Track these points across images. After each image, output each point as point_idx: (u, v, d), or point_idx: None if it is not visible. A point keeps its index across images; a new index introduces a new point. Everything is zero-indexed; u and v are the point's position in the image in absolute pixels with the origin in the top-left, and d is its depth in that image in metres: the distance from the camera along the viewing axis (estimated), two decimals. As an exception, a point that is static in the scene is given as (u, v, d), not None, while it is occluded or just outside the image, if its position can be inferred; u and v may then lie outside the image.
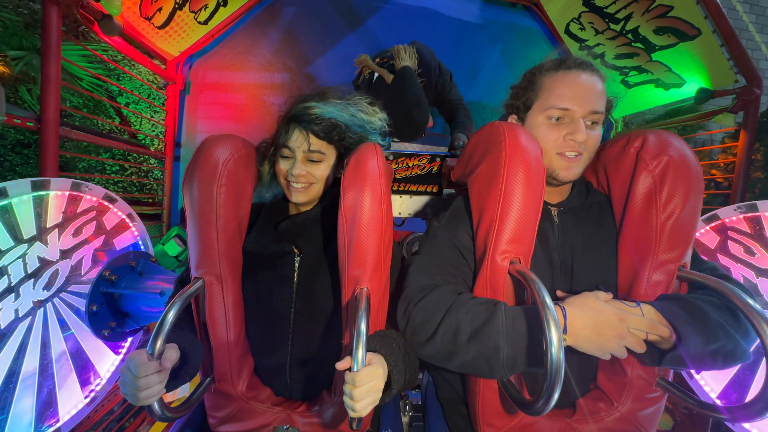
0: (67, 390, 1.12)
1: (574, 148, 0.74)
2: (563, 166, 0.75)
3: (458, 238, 0.76)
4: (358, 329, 0.58)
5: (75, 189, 1.17)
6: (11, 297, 1.01)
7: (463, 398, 0.84)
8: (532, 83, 0.80)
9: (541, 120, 0.77)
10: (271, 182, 0.86)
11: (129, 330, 1.29)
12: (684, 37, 1.68)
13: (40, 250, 1.08)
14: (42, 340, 1.08)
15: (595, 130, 0.75)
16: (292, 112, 0.80)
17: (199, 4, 2.07)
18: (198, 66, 2.28)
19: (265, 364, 0.85)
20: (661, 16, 1.73)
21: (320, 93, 0.84)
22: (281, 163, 0.81)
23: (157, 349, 0.59)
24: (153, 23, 1.92)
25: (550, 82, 0.76)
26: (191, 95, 2.24)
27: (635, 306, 0.63)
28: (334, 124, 0.79)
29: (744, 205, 1.17)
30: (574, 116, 0.73)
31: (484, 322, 0.61)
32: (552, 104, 0.75)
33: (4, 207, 0.99)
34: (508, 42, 2.40)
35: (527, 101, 0.80)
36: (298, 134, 0.78)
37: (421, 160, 1.28)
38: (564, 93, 0.74)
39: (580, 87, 0.74)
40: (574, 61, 0.76)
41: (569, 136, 0.73)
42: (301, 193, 0.81)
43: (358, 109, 0.83)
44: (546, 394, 0.51)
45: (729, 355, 0.60)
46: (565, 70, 0.76)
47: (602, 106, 0.75)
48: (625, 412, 0.73)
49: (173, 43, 2.12)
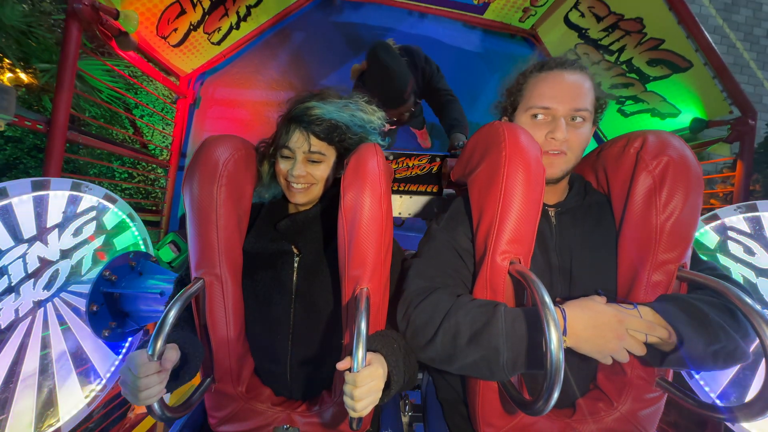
0: (67, 390, 1.12)
1: (555, 146, 0.74)
2: (545, 163, 0.75)
3: (457, 240, 0.76)
4: (358, 329, 0.58)
5: (75, 189, 1.17)
6: (11, 297, 1.01)
7: (463, 398, 0.84)
8: (519, 84, 0.82)
9: (524, 119, 0.79)
10: (270, 182, 0.86)
11: (129, 330, 1.28)
12: (676, 69, 1.72)
13: (40, 249, 1.08)
14: (42, 340, 1.08)
15: (580, 128, 0.75)
16: (293, 113, 0.79)
17: (213, 26, 2.20)
18: (209, 82, 2.41)
19: (265, 364, 0.85)
20: (653, 48, 1.77)
21: (320, 93, 0.83)
22: (281, 163, 0.81)
23: (158, 349, 0.59)
24: (168, 42, 2.05)
25: (533, 83, 0.78)
26: (200, 109, 2.37)
27: (632, 308, 0.63)
28: (334, 125, 0.78)
29: (744, 205, 1.17)
30: (556, 114, 0.74)
31: (484, 325, 0.61)
32: (533, 104, 0.76)
33: (5, 207, 0.99)
34: (507, 70, 2.46)
35: (514, 102, 0.82)
36: (299, 135, 0.78)
37: (421, 160, 1.28)
38: (544, 92, 0.75)
39: (561, 85, 0.75)
40: (556, 61, 0.78)
41: (550, 135, 0.74)
42: (301, 194, 0.81)
43: (358, 108, 0.83)
44: (546, 394, 0.51)
45: (730, 355, 0.59)
46: (547, 71, 0.77)
47: (586, 103, 0.74)
48: (624, 412, 0.73)
49: (187, 61, 2.25)
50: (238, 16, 2.26)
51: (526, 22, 2.52)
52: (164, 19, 1.91)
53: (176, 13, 1.94)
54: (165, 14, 1.90)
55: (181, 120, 2.30)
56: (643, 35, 1.77)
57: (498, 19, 2.50)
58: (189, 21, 2.03)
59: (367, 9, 2.43)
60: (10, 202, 1.01)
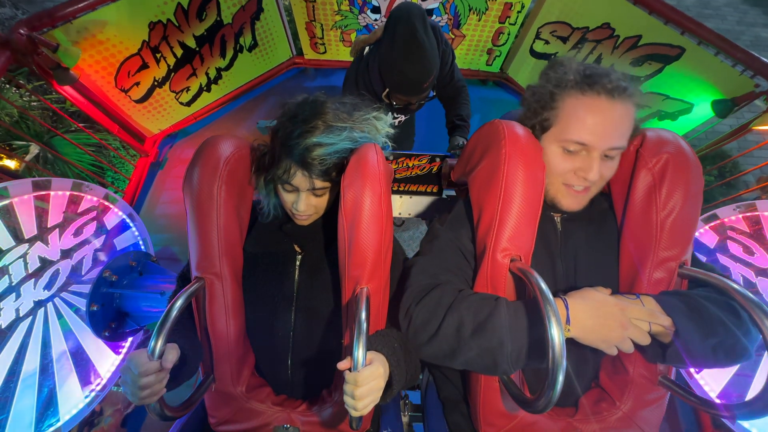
0: (68, 389, 1.12)
1: (583, 183, 0.68)
2: (568, 198, 0.71)
3: (461, 240, 0.76)
4: (358, 328, 0.58)
5: (76, 189, 1.18)
6: (12, 296, 1.01)
7: (463, 397, 0.84)
8: (553, 100, 0.68)
9: (553, 149, 0.69)
10: (269, 194, 0.82)
11: (129, 330, 1.29)
12: (667, 60, 1.60)
13: (41, 249, 1.08)
14: (43, 340, 1.08)
15: (612, 161, 0.68)
16: (292, 149, 0.70)
17: (181, 85, 2.13)
18: (179, 145, 2.36)
19: (266, 364, 0.85)
20: (633, 47, 1.67)
21: (321, 114, 0.72)
22: (285, 194, 0.76)
23: (158, 349, 0.59)
24: (130, 96, 1.94)
25: (573, 107, 0.66)
26: (164, 170, 2.26)
27: (635, 298, 0.63)
28: (337, 162, 0.72)
29: (743, 205, 1.17)
30: (591, 152, 0.66)
31: (488, 316, 0.61)
32: (569, 137, 0.66)
33: (5, 207, 1.00)
34: (485, 111, 2.54)
35: (544, 122, 0.70)
36: (300, 176, 0.71)
37: (421, 161, 1.28)
38: (585, 125, 0.65)
39: (606, 120, 0.64)
40: (604, 84, 0.64)
41: (581, 172, 0.67)
42: (306, 220, 0.80)
43: (363, 126, 0.77)
44: (548, 389, 0.51)
45: (729, 351, 0.59)
46: (592, 95, 0.64)
47: (626, 139, 0.67)
48: (627, 411, 0.73)
49: (154, 121, 2.17)
50: (208, 78, 2.22)
51: (494, 64, 2.56)
52: (123, 70, 1.80)
53: (137, 66, 1.85)
54: (124, 65, 1.79)
55: (137, 178, 2.10)
56: (615, 38, 1.68)
57: (465, 66, 2.55)
58: (153, 76, 1.96)
59: (338, 74, 2.47)
60: (11, 202, 1.01)
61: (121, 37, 1.71)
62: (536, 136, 0.72)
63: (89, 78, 1.72)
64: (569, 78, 0.67)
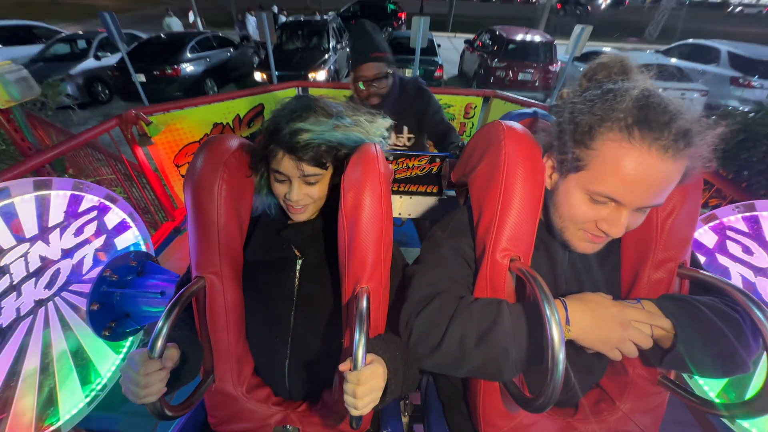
0: (68, 389, 1.12)
1: (603, 234, 0.61)
2: (584, 243, 0.65)
3: (462, 248, 0.75)
4: (359, 327, 0.58)
5: (77, 189, 1.18)
6: (13, 296, 1.02)
7: (463, 397, 0.84)
8: (591, 139, 0.56)
9: (579, 194, 0.60)
10: (266, 194, 0.83)
11: (129, 330, 1.29)
12: None
13: (41, 249, 1.08)
14: (43, 339, 1.08)
15: (642, 213, 0.60)
16: (279, 135, 0.72)
17: None
18: None
19: (265, 364, 0.85)
20: None
21: (311, 107, 0.75)
22: (277, 186, 0.77)
23: (158, 348, 0.59)
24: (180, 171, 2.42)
25: (613, 156, 0.54)
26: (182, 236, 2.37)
27: (635, 302, 0.63)
28: (326, 149, 0.73)
29: (742, 205, 1.18)
30: (621, 208, 0.57)
31: (491, 325, 0.60)
32: (600, 190, 0.56)
33: (7, 206, 1.00)
34: None
35: (575, 164, 0.59)
36: (289, 162, 0.73)
37: (421, 161, 1.28)
38: (622, 181, 0.54)
39: (649, 177, 0.53)
40: (660, 137, 0.51)
41: (604, 224, 0.59)
42: (301, 213, 0.79)
43: (354, 124, 0.77)
44: (548, 388, 0.51)
45: (728, 360, 0.59)
46: (641, 148, 0.52)
47: (663, 198, 0.56)
48: (627, 411, 0.73)
49: None
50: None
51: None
52: (183, 152, 2.40)
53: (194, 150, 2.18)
54: (185, 148, 2.40)
55: (157, 236, 2.25)
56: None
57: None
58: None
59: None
60: (12, 201, 1.01)
61: (191, 128, 2.38)
62: (559, 170, 0.64)
63: (157, 149, 2.27)
64: (618, 115, 0.53)
